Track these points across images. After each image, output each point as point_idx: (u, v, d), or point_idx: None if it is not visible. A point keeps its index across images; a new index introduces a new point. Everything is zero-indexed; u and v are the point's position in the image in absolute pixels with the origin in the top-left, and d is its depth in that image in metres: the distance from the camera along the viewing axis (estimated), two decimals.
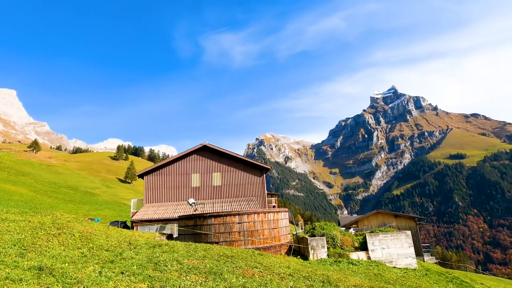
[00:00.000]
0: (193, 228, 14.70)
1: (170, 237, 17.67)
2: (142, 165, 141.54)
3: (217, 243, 13.61)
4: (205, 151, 27.39)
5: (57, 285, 4.43)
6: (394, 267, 14.34)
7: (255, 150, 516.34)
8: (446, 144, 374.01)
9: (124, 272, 5.46)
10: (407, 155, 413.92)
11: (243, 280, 6.04)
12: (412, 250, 15.49)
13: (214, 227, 14.26)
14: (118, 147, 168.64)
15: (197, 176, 26.74)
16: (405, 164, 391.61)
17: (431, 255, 39.11)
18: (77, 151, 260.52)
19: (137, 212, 23.53)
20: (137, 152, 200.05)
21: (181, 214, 20.42)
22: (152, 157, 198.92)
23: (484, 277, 33.84)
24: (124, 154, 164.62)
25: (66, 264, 5.51)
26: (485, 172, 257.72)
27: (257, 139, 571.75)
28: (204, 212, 22.25)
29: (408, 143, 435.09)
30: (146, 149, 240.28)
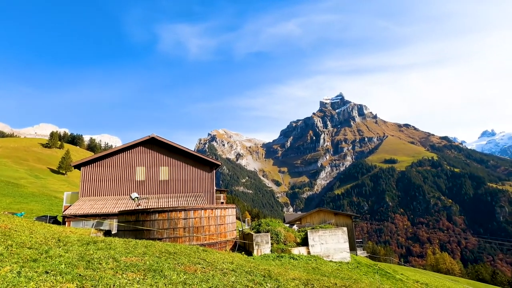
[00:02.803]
0: (135, 224, 13.94)
1: (108, 233, 16.50)
2: (80, 155, 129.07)
3: (160, 239, 13.12)
4: (153, 144, 26.10)
5: None
6: (331, 261, 15.46)
7: (206, 146, 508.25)
8: (382, 150, 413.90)
9: (49, 271, 4.92)
10: (349, 158, 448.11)
11: (185, 277, 5.93)
12: (347, 245, 16.87)
13: (158, 223, 13.71)
14: (52, 134, 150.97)
15: (142, 170, 25.36)
16: (347, 166, 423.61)
17: (363, 250, 43.09)
18: None
19: (70, 206, 21.42)
20: (74, 140, 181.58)
21: (122, 209, 19.18)
22: (92, 147, 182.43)
23: (405, 268, 38.42)
24: (59, 142, 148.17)
25: None
26: (411, 176, 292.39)
27: (209, 134, 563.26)
28: (148, 207, 21.22)
29: (350, 146, 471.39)
30: (86, 138, 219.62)
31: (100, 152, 26.51)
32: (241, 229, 18.45)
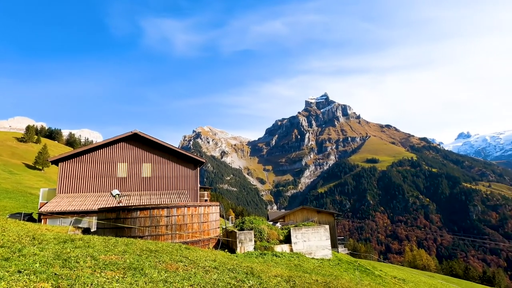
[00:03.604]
0: (115, 221, 13.61)
1: (86, 231, 16.03)
2: (58, 150, 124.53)
3: (141, 237, 12.88)
4: (136, 140, 25.52)
5: None
6: (313, 258, 15.70)
7: (191, 143, 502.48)
8: (364, 149, 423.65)
9: (22, 270, 4.72)
10: (332, 157, 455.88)
11: (166, 275, 5.85)
12: (328, 242, 17.18)
13: (140, 221, 13.45)
14: (28, 127, 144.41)
15: (124, 166, 24.75)
16: (330, 165, 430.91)
17: (344, 247, 44.04)
18: None
19: (47, 203, 20.63)
20: (52, 135, 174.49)
21: (102, 206, 18.67)
22: (71, 142, 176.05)
23: (384, 264, 39.58)
24: (36, 136, 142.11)
25: None
26: (392, 176, 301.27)
27: (194, 131, 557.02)
28: (130, 204, 20.77)
29: (334, 146, 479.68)
30: (65, 133, 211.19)
31: (79, 148, 25.67)
32: (224, 227, 18.40)
